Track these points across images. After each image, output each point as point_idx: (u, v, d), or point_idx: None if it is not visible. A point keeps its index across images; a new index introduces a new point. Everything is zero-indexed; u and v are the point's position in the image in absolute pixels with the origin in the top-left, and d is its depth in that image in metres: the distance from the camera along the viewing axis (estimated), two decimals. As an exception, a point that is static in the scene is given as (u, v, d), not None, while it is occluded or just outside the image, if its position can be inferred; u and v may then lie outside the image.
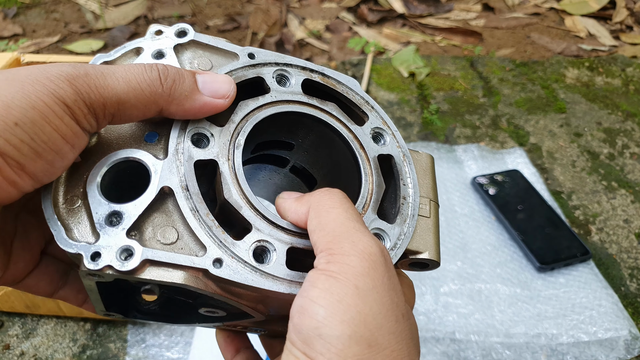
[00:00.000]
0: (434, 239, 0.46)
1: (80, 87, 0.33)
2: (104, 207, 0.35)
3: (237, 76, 0.44)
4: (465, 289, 1.14)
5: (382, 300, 0.34)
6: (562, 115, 1.66)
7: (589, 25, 2.21)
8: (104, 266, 0.34)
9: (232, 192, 0.39)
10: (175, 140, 0.39)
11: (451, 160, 1.45)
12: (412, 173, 0.47)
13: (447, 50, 2.03)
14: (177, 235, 0.37)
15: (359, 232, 0.36)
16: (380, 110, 0.49)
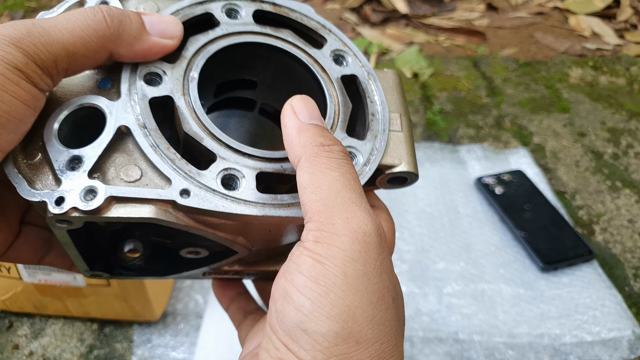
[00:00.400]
0: (408, 151, 0.45)
1: (28, 48, 0.33)
2: (64, 154, 0.35)
3: (184, 14, 0.43)
4: (469, 290, 1.14)
5: (372, 288, 0.32)
6: (566, 115, 1.66)
7: (593, 24, 2.21)
8: (69, 209, 0.33)
9: (192, 124, 0.39)
10: (128, 81, 0.39)
11: (454, 160, 1.46)
12: (379, 90, 0.46)
13: (451, 51, 2.03)
14: (140, 173, 0.36)
15: (354, 206, 0.33)
16: (338, 33, 0.48)
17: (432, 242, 1.24)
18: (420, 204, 1.33)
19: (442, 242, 1.24)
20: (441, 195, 1.36)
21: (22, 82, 0.33)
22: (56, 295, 1.01)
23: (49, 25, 0.34)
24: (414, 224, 1.28)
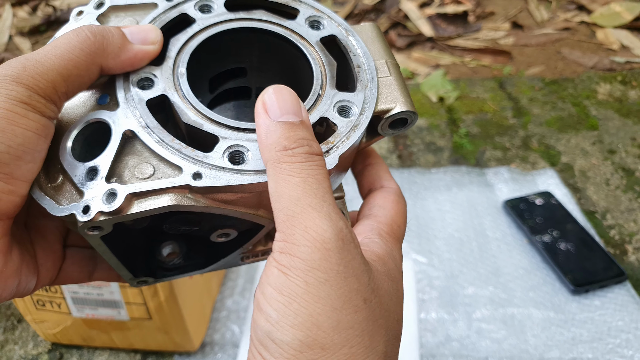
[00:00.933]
0: (402, 92, 0.46)
1: (27, 81, 0.36)
2: (80, 168, 0.38)
3: (161, 20, 0.46)
4: (498, 314, 1.16)
5: (337, 294, 0.32)
6: (595, 133, 1.66)
7: (622, 37, 2.19)
8: (96, 213, 0.36)
9: (189, 115, 0.41)
10: (123, 90, 0.41)
11: (482, 184, 1.47)
12: (359, 42, 0.47)
13: (477, 71, 2.05)
14: (153, 168, 0.38)
15: (314, 212, 0.34)
16: (309, 1, 0.50)
17: (461, 268, 1.26)
18: (449, 229, 1.35)
19: (471, 267, 1.26)
20: (469, 220, 1.37)
21: (30, 114, 0.36)
22: (102, 328, 1.08)
23: (41, 56, 0.37)
24: (442, 250, 1.30)
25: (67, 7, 2.56)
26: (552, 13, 2.42)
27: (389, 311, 0.36)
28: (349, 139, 0.42)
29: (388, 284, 0.37)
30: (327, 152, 0.41)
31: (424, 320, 1.15)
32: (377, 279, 0.36)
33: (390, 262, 0.40)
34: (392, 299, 0.37)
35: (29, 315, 1.09)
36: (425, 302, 1.19)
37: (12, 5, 2.59)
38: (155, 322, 1.04)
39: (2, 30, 2.44)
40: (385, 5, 2.50)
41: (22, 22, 2.48)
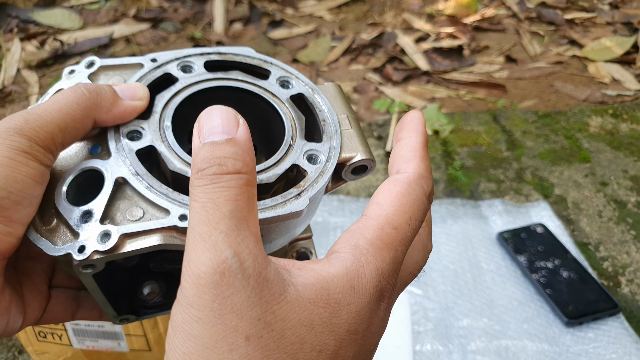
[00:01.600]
0: (361, 142, 0.51)
1: (29, 133, 0.39)
2: (75, 211, 0.42)
3: (147, 79, 0.50)
4: (493, 346, 1.17)
5: (209, 332, 0.31)
6: (587, 165, 1.69)
7: (613, 71, 2.25)
8: (91, 252, 0.39)
9: (175, 163, 0.44)
10: (114, 141, 0.45)
11: (476, 216, 1.50)
12: (324, 100, 0.52)
13: (472, 104, 2.10)
14: (142, 211, 0.42)
15: (200, 243, 0.32)
16: (279, 63, 0.54)
17: (456, 299, 1.28)
18: (444, 260, 1.38)
19: (466, 298, 1.28)
20: (464, 252, 1.40)
21: (30, 162, 0.39)
22: (103, 359, 1.10)
23: (41, 110, 0.41)
24: (438, 282, 1.32)
25: (74, 42, 2.63)
26: (544, 47, 2.48)
27: (301, 344, 0.32)
28: (317, 182, 0.46)
29: (316, 312, 0.33)
30: (298, 195, 0.44)
31: (420, 352, 1.17)
32: (286, 308, 0.32)
33: (340, 290, 0.34)
34: (315, 329, 0.33)
35: (30, 346, 1.11)
36: (420, 334, 1.20)
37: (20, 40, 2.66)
38: (155, 354, 1.06)
39: (11, 64, 2.50)
40: (382, 40, 2.57)
41: (30, 55, 2.55)
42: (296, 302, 0.33)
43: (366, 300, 0.35)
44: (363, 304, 0.35)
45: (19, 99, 2.29)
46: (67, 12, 2.88)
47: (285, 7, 2.95)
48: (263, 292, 0.32)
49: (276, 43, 2.64)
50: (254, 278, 0.32)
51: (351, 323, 0.34)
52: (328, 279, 0.34)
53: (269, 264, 0.33)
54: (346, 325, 0.34)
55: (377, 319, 0.36)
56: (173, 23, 2.80)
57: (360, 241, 0.36)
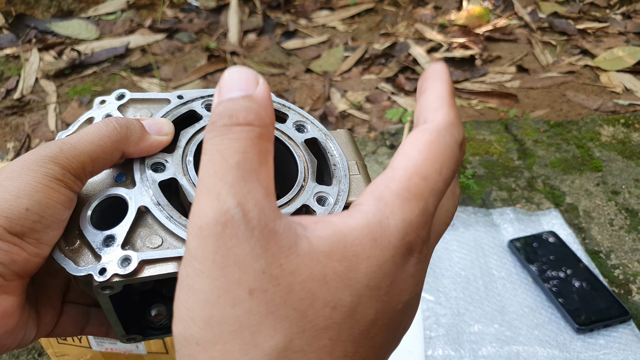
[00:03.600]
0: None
1: (62, 162, 0.42)
2: (98, 235, 0.45)
3: (173, 114, 0.53)
4: (504, 352, 1.18)
5: (211, 286, 0.30)
6: (598, 174, 1.70)
7: (625, 81, 2.26)
8: (111, 275, 0.42)
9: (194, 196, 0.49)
10: (139, 172, 0.48)
11: (488, 224, 1.52)
12: (336, 145, 0.55)
13: (483, 113, 2.12)
14: (161, 240, 0.45)
15: (204, 194, 0.31)
16: (296, 109, 0.58)
17: (467, 305, 1.29)
18: (456, 267, 1.39)
19: (477, 304, 1.29)
20: (476, 259, 1.41)
21: (62, 189, 0.42)
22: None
23: (75, 140, 0.44)
24: (449, 288, 1.34)
25: (91, 52, 2.69)
26: (556, 57, 2.50)
27: (312, 299, 0.30)
28: None
29: (330, 265, 0.31)
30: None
31: (431, 357, 1.18)
32: (296, 261, 0.30)
33: (360, 242, 0.31)
34: (328, 284, 0.30)
35: (51, 349, 1.14)
36: (432, 339, 1.22)
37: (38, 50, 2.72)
38: (172, 356, 1.08)
39: (29, 74, 2.56)
40: (394, 50, 2.60)
41: (48, 65, 2.61)
42: (308, 256, 0.30)
43: (389, 253, 0.31)
44: (386, 257, 0.31)
45: (37, 108, 2.35)
46: (84, 22, 2.95)
47: (299, 18, 2.99)
48: (269, 244, 0.30)
49: (290, 53, 2.68)
50: (258, 230, 0.30)
51: (371, 277, 0.31)
52: (346, 232, 0.31)
53: (279, 217, 0.31)
54: (365, 280, 0.31)
55: (406, 275, 0.33)
56: (188, 34, 2.86)
57: (385, 193, 0.33)
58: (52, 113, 2.31)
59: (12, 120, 2.29)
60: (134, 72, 2.56)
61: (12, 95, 2.44)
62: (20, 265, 0.41)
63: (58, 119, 2.28)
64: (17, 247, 0.40)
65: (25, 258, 0.41)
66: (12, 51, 2.74)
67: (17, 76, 2.55)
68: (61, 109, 2.34)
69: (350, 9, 3.02)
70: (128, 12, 3.07)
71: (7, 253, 0.40)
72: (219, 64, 2.57)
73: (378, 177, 0.35)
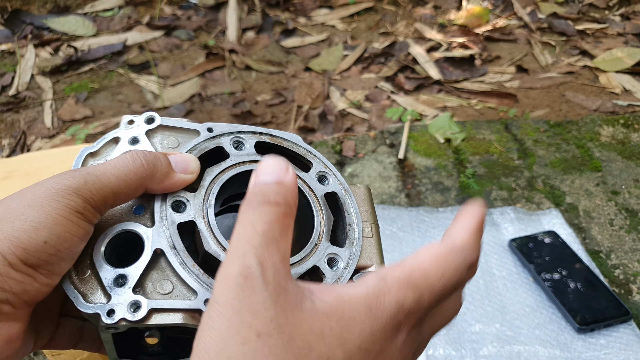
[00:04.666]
0: (378, 253, 0.54)
1: (85, 194, 0.42)
2: (110, 272, 0.44)
3: (201, 148, 0.52)
4: (505, 351, 1.18)
5: (226, 325, 0.34)
6: (598, 174, 1.70)
7: (624, 81, 2.26)
8: (119, 319, 0.42)
9: (211, 244, 0.47)
10: (159, 210, 0.47)
11: (488, 223, 1.51)
12: (354, 204, 0.55)
13: (483, 113, 2.11)
14: (172, 286, 0.44)
15: (233, 253, 0.37)
16: (322, 157, 0.58)
17: (468, 305, 1.28)
18: (456, 266, 1.38)
19: (478, 304, 1.29)
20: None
21: (81, 222, 0.42)
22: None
23: (100, 172, 0.44)
24: (449, 287, 1.33)
25: (87, 49, 2.67)
26: (556, 57, 2.50)
27: (309, 350, 0.34)
28: None
29: (328, 324, 0.36)
30: None
31: (432, 356, 1.18)
32: (299, 316, 0.35)
33: (356, 309, 0.36)
34: (325, 339, 0.35)
35: (48, 345, 1.12)
36: (433, 338, 1.21)
37: (34, 46, 2.70)
38: (170, 354, 1.07)
39: (25, 70, 2.54)
40: (394, 49, 2.59)
41: (44, 62, 2.59)
42: (310, 313, 0.36)
43: (382, 323, 0.36)
44: (378, 326, 0.36)
45: (33, 104, 2.33)
46: (81, 19, 2.93)
47: (298, 16, 2.98)
48: (279, 297, 0.35)
49: (289, 52, 2.67)
50: (272, 285, 0.35)
51: (363, 341, 0.36)
52: (346, 298, 0.37)
53: (291, 279, 0.37)
54: (358, 342, 0.36)
55: (394, 347, 0.38)
56: (186, 31, 2.84)
57: (388, 276, 0.39)
58: (48, 110, 2.29)
59: (7, 117, 2.27)
60: (132, 69, 2.54)
61: (7, 91, 2.42)
62: (31, 295, 0.41)
63: (54, 116, 2.26)
64: (30, 278, 0.41)
65: (37, 288, 0.41)
66: (8, 47, 2.72)
67: (13, 72, 2.53)
68: (57, 105, 2.32)
69: (349, 8, 3.02)
70: (125, 9, 3.05)
71: (20, 283, 0.40)
72: (217, 61, 2.55)
73: (387, 266, 0.40)
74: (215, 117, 2.20)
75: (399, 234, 1.46)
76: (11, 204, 0.41)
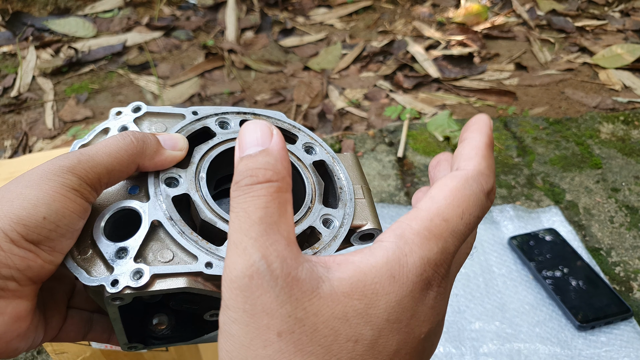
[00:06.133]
0: (371, 212, 0.55)
1: (80, 172, 0.43)
2: (111, 247, 0.45)
3: (188, 130, 0.54)
4: (505, 349, 1.18)
5: (244, 331, 0.33)
6: (598, 171, 1.70)
7: (624, 78, 2.25)
8: (123, 287, 0.43)
9: (206, 212, 0.48)
10: (153, 186, 0.49)
11: (488, 221, 1.51)
12: (342, 169, 0.57)
13: (482, 111, 2.11)
14: (172, 254, 0.45)
15: (233, 250, 0.35)
16: (306, 130, 0.59)
17: (468, 303, 1.29)
18: (456, 264, 1.38)
19: (478, 302, 1.29)
20: (476, 256, 1.41)
21: (78, 199, 0.43)
22: (120, 359, 1.12)
23: (93, 152, 0.45)
24: (449, 285, 1.33)
25: (88, 50, 2.67)
26: (555, 54, 2.50)
27: (335, 336, 0.33)
28: (330, 246, 0.50)
29: (350, 304, 0.34)
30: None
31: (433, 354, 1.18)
32: (318, 304, 0.33)
33: (378, 282, 0.34)
34: (349, 321, 0.33)
35: (50, 346, 1.13)
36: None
37: (35, 48, 2.71)
38: (172, 354, 1.07)
39: (26, 71, 2.55)
40: (392, 48, 2.59)
41: (45, 63, 2.59)
42: (329, 297, 0.34)
43: (408, 288, 0.34)
44: (404, 293, 0.34)
45: (34, 105, 2.34)
46: (81, 20, 2.93)
47: (296, 16, 2.98)
48: (292, 290, 0.33)
49: (287, 51, 2.67)
50: (282, 278, 0.33)
51: (391, 312, 0.34)
52: (366, 271, 0.34)
53: (300, 264, 0.34)
54: (385, 315, 0.34)
55: (426, 307, 0.35)
56: (185, 31, 2.84)
57: (407, 231, 0.36)
58: (50, 111, 2.30)
59: (9, 118, 2.27)
60: (131, 70, 2.54)
61: (9, 93, 2.42)
62: (35, 272, 0.42)
63: (55, 117, 2.26)
64: (32, 254, 0.41)
65: (40, 265, 0.42)
66: (9, 49, 2.73)
67: (14, 74, 2.54)
68: (58, 106, 2.33)
69: (348, 7, 3.02)
70: (125, 10, 3.05)
71: (23, 259, 0.41)
72: (216, 61, 2.56)
73: (402, 216, 0.37)
74: (215, 117, 2.20)
75: (398, 233, 1.47)
76: (9, 186, 0.43)
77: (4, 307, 0.42)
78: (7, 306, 0.42)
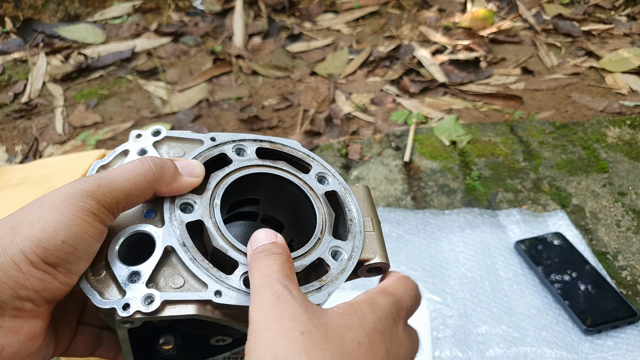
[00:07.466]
0: (380, 246, 0.56)
1: (99, 197, 0.45)
2: (124, 270, 0.46)
3: (205, 156, 0.55)
4: (511, 353, 1.18)
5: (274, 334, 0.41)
6: (605, 175, 1.70)
7: (631, 82, 2.25)
8: (134, 312, 0.44)
9: (218, 240, 0.49)
10: (168, 212, 0.50)
11: (494, 225, 1.52)
12: (354, 200, 0.58)
13: (489, 115, 2.12)
14: (183, 281, 0.47)
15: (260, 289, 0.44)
16: (320, 160, 0.61)
17: (474, 307, 1.29)
18: (462, 269, 1.39)
19: (484, 305, 1.29)
20: (482, 260, 1.41)
21: (96, 223, 0.45)
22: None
23: (112, 177, 0.47)
24: (456, 289, 1.34)
25: (97, 56, 2.70)
26: (561, 59, 2.50)
27: (343, 338, 0.43)
28: (337, 279, 0.52)
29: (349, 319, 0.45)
30: (319, 289, 0.51)
31: (439, 358, 1.18)
32: (327, 317, 0.44)
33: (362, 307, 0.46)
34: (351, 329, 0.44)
35: None
36: (439, 340, 1.22)
37: (46, 54, 2.74)
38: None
39: (37, 77, 2.58)
40: (399, 53, 2.60)
41: (55, 69, 2.62)
42: (334, 314, 0.44)
43: (383, 314, 0.47)
44: (382, 315, 0.47)
45: (44, 111, 2.37)
46: (91, 27, 2.97)
47: (303, 21, 3.00)
48: (307, 307, 0.43)
49: (294, 56, 2.69)
50: (299, 299, 0.43)
51: (377, 325, 0.45)
52: (353, 302, 0.47)
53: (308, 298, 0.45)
54: (373, 326, 0.45)
55: (399, 332, 0.48)
56: (193, 37, 2.87)
57: (372, 290, 0.50)
58: (60, 116, 2.33)
59: (20, 124, 2.30)
60: (140, 76, 2.57)
61: (20, 99, 2.46)
62: (51, 293, 0.44)
63: (65, 122, 2.29)
64: (50, 276, 0.43)
65: (56, 286, 0.44)
66: (20, 55, 2.76)
67: (25, 80, 2.57)
68: (68, 112, 2.36)
69: (354, 12, 3.03)
70: (134, 16, 3.08)
71: (41, 281, 0.43)
72: (224, 67, 2.58)
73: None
74: (222, 122, 2.22)
75: (405, 237, 1.47)
76: (31, 208, 0.44)
77: (20, 326, 0.43)
78: (22, 326, 0.43)
